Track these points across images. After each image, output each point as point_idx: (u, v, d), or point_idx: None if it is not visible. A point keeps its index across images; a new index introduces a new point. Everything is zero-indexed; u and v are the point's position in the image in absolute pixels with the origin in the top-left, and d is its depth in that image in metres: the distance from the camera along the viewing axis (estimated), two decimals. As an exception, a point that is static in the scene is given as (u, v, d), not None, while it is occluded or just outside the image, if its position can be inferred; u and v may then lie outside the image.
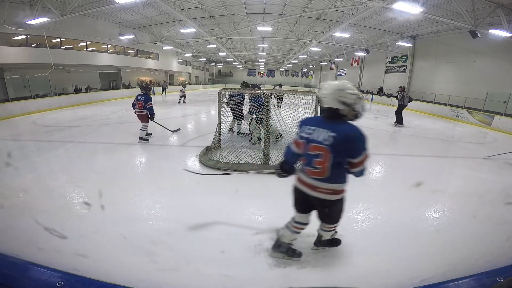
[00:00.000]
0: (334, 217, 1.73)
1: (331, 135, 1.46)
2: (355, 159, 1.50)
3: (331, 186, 1.56)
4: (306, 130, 1.57)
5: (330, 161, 1.48)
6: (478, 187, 3.75)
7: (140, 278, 1.66)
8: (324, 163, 1.49)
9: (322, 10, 12.32)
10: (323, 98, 1.53)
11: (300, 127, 1.65)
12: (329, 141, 1.46)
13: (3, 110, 8.42)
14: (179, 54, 24.49)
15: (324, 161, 1.49)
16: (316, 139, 1.51)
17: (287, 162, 1.77)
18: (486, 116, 9.88)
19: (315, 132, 1.53)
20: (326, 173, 1.51)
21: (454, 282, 0.99)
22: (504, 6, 8.98)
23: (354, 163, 1.51)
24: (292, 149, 1.71)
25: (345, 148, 1.47)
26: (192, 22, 12.80)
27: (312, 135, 1.53)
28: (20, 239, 2.06)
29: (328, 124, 1.51)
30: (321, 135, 1.49)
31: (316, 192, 1.57)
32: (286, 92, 5.06)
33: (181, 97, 14.10)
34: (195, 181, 3.68)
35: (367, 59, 22.39)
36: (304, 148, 1.58)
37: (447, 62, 14.35)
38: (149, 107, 5.40)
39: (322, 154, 1.48)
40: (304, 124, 1.62)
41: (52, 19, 10.10)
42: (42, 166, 4.13)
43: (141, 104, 5.37)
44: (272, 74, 39.61)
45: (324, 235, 1.91)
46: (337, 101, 1.48)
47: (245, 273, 1.85)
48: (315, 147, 1.50)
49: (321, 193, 1.56)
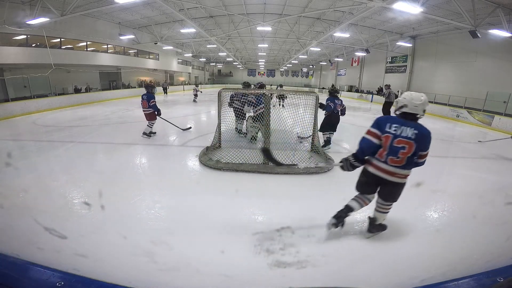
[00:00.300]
0: (396, 196, 2.12)
1: (415, 132, 1.88)
2: (424, 152, 1.95)
3: (404, 172, 1.98)
4: (392, 127, 1.93)
5: (411, 152, 1.88)
6: (478, 187, 3.75)
7: (140, 278, 1.66)
8: (406, 154, 1.90)
9: (322, 10, 12.32)
10: (413, 106, 1.92)
11: (379, 125, 1.99)
12: (413, 137, 1.87)
13: (3, 110, 8.42)
14: (179, 54, 24.49)
15: (407, 152, 1.89)
16: (403, 135, 1.89)
17: (364, 153, 2.04)
18: (486, 116, 9.88)
19: (400, 129, 1.91)
20: (403, 162, 1.92)
21: (454, 282, 0.99)
22: (504, 6, 8.98)
23: (422, 155, 1.96)
24: (373, 141, 1.99)
25: (422, 143, 1.89)
26: (192, 22, 12.80)
27: (398, 131, 1.91)
28: (20, 239, 2.06)
29: (409, 124, 1.92)
30: (407, 132, 1.89)
31: (393, 177, 1.98)
32: (287, 92, 5.06)
33: (195, 95, 14.95)
34: (195, 181, 3.69)
35: (367, 59, 22.40)
36: (389, 142, 1.92)
37: (447, 62, 14.36)
38: (152, 105, 5.55)
39: (407, 146, 1.88)
40: (386, 123, 1.96)
41: (52, 19, 10.10)
42: (42, 166, 4.13)
43: (145, 103, 5.58)
44: (272, 74, 39.60)
45: (379, 218, 2.24)
46: (422, 110, 1.94)
47: (245, 273, 1.86)
48: (401, 141, 1.89)
49: (397, 177, 1.98)
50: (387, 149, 1.93)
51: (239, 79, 37.06)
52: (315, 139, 4.66)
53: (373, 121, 2.05)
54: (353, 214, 2.29)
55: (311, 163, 1.98)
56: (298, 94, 4.54)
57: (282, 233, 2.28)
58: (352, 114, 9.97)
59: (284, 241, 2.17)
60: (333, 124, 5.19)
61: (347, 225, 2.33)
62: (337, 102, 5.06)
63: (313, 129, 4.60)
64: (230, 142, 4.82)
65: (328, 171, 3.94)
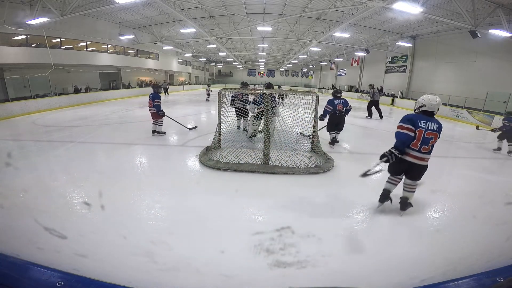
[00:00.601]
0: (421, 176, 2.61)
1: (437, 126, 2.44)
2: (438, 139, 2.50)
3: (429, 156, 2.50)
4: (422, 123, 2.42)
5: (436, 141, 2.44)
6: (478, 187, 3.75)
7: (140, 278, 1.66)
8: (434, 142, 2.44)
9: (322, 10, 12.31)
10: (434, 106, 2.47)
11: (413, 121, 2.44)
12: (437, 129, 2.43)
13: (3, 110, 8.42)
14: (179, 54, 24.50)
15: (434, 141, 2.44)
16: (431, 128, 2.41)
17: (404, 144, 2.46)
18: (486, 116, 9.88)
19: (428, 124, 2.42)
20: (430, 149, 2.45)
21: (454, 282, 0.99)
22: (504, 6, 8.98)
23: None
24: (410, 135, 2.43)
25: (440, 133, 2.45)
26: (192, 22, 12.80)
27: (427, 125, 2.42)
28: (20, 239, 2.06)
29: (432, 119, 2.46)
30: (433, 126, 2.42)
31: (423, 161, 2.48)
32: (286, 92, 5.07)
33: (208, 95, 15.45)
34: (195, 181, 3.69)
35: (367, 59, 22.40)
36: (422, 134, 2.41)
37: (447, 62, 14.35)
38: (155, 105, 5.70)
39: (433, 137, 2.42)
40: (417, 119, 2.44)
41: (52, 19, 10.10)
42: (42, 166, 4.12)
43: (150, 102, 5.75)
44: (272, 74, 39.59)
45: (410, 196, 2.70)
46: (437, 108, 2.48)
47: (245, 273, 1.85)
48: (430, 133, 2.41)
49: (425, 162, 2.49)
50: (420, 140, 2.41)
51: (239, 79, 37.05)
52: (315, 139, 4.67)
53: (402, 118, 2.49)
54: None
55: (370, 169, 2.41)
56: (298, 94, 4.54)
57: (282, 233, 2.28)
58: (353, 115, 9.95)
59: (284, 241, 2.17)
60: (337, 124, 5.28)
61: (347, 225, 2.32)
62: (337, 103, 5.12)
63: (313, 129, 4.61)
64: (230, 142, 4.82)
65: (328, 171, 3.94)
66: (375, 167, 2.48)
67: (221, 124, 4.71)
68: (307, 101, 4.45)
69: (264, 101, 4.23)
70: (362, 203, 2.93)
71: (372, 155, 4.85)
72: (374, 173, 2.51)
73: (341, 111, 5.17)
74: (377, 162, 2.50)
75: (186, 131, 6.48)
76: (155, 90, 5.94)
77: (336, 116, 5.18)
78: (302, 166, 3.92)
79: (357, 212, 2.78)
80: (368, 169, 2.52)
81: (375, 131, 7.75)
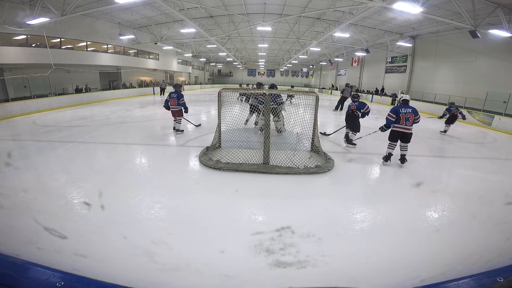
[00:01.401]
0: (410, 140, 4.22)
1: (411, 109, 4.12)
2: (417, 116, 4.14)
3: (411, 127, 4.15)
4: (402, 109, 4.11)
5: (413, 118, 4.09)
6: (478, 187, 3.75)
7: (140, 278, 1.66)
8: (412, 119, 4.09)
9: (322, 10, 12.31)
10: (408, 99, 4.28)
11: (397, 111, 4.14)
12: (412, 111, 4.10)
13: (3, 110, 8.41)
14: (179, 54, 24.48)
15: (412, 118, 4.08)
16: (406, 111, 4.09)
17: (388, 125, 4.27)
18: (486, 116, 9.88)
19: (405, 109, 4.11)
20: (412, 123, 4.11)
21: (454, 282, 0.98)
22: (504, 6, 8.98)
23: (417, 118, 4.15)
24: (392, 120, 4.16)
25: (415, 112, 4.11)
26: (192, 22, 12.79)
27: (405, 110, 4.10)
28: (20, 239, 2.06)
29: (407, 106, 4.18)
30: (408, 110, 4.11)
31: (408, 130, 4.14)
32: (286, 92, 5.08)
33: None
34: (195, 181, 3.69)
35: (367, 59, 22.39)
36: (403, 116, 4.08)
37: (447, 62, 14.35)
38: (182, 103, 6.04)
39: (410, 116, 4.08)
40: (398, 109, 4.15)
41: (52, 19, 10.09)
42: (42, 166, 4.12)
43: (174, 101, 6.01)
44: (272, 74, 39.57)
45: (405, 153, 4.27)
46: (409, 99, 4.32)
47: (245, 273, 1.85)
48: (408, 114, 4.08)
49: (410, 130, 4.16)
50: (403, 118, 4.09)
51: (239, 79, 37.05)
52: (315, 139, 4.67)
53: (391, 109, 4.24)
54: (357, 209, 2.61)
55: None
56: (298, 94, 4.54)
57: (282, 233, 2.28)
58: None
59: (284, 241, 2.17)
60: (348, 123, 5.51)
61: (347, 225, 2.32)
62: (351, 104, 5.50)
63: (313, 129, 4.61)
64: (230, 142, 4.81)
65: (328, 171, 3.94)
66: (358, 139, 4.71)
67: (221, 124, 4.71)
68: (307, 101, 4.46)
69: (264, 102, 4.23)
70: (362, 203, 2.93)
71: (372, 155, 4.86)
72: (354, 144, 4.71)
73: (353, 111, 5.38)
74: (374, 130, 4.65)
75: (186, 131, 6.48)
76: (178, 89, 6.18)
77: (348, 115, 5.47)
78: (302, 166, 3.92)
79: (357, 212, 2.78)
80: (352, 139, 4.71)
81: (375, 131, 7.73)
